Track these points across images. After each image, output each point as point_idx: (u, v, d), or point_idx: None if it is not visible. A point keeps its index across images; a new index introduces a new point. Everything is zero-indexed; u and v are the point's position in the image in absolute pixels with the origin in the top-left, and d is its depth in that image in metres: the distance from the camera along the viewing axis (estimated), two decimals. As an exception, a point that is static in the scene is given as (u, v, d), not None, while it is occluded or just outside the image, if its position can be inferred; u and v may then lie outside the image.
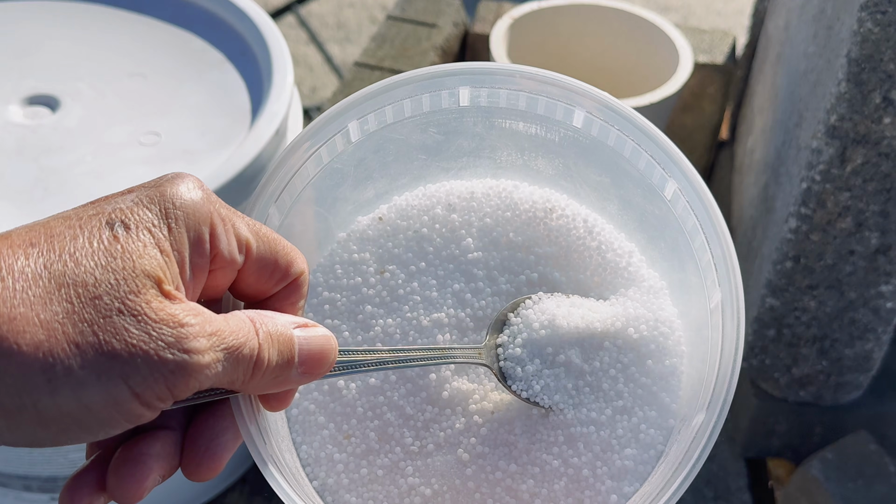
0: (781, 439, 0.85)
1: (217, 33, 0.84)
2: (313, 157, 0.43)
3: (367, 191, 0.47)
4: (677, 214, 0.42)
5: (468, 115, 0.47)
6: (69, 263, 0.29)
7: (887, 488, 0.73)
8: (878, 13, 0.58)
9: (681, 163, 0.42)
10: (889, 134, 0.63)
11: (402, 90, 0.44)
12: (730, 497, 0.83)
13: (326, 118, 0.43)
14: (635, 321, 0.43)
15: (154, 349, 0.29)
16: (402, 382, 0.43)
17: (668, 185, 0.43)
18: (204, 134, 0.74)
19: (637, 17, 0.84)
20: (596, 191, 0.47)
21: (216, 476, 0.35)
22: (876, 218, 0.67)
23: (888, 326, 0.74)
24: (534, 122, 0.46)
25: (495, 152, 0.48)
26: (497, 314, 0.44)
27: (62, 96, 0.76)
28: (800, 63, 0.74)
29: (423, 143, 0.47)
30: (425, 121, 0.46)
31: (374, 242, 0.46)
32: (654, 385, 0.42)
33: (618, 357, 0.42)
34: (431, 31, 1.05)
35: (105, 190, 0.68)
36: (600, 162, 0.46)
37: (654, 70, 0.83)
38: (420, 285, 0.45)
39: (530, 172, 0.48)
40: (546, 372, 0.42)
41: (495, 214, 0.46)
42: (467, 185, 0.47)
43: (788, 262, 0.71)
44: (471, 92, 0.46)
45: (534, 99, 0.46)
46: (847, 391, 0.79)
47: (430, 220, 0.46)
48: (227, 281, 0.35)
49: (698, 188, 0.41)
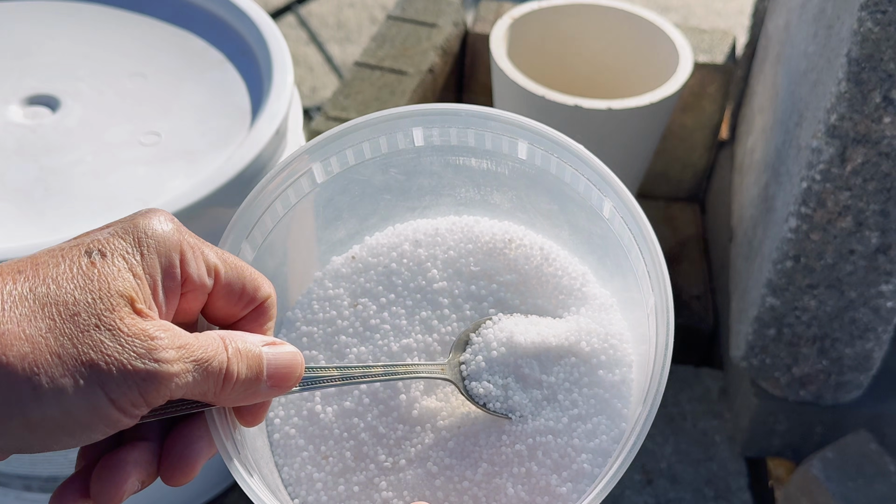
0: (782, 438, 0.85)
1: (217, 33, 0.84)
2: (281, 197, 0.47)
3: (338, 231, 0.52)
4: (615, 231, 0.46)
5: (424, 154, 0.51)
6: (52, 286, 0.32)
7: (887, 487, 0.73)
8: (879, 12, 0.58)
9: (612, 182, 0.45)
10: (889, 133, 0.63)
11: (360, 133, 0.48)
12: (730, 496, 0.83)
13: (290, 159, 0.46)
14: (587, 335, 0.46)
15: (127, 359, 0.32)
16: (374, 404, 0.46)
17: (605, 205, 0.46)
18: (204, 134, 0.74)
19: (637, 16, 0.84)
20: (548, 218, 0.51)
21: (191, 480, 0.39)
22: (876, 217, 0.67)
23: (888, 326, 0.74)
24: (484, 158, 0.51)
25: (455, 189, 0.52)
26: (460, 334, 0.47)
27: (62, 96, 0.76)
28: (800, 63, 0.74)
29: (387, 184, 0.51)
30: (385, 162, 0.50)
31: (347, 279, 0.50)
32: (606, 393, 0.45)
33: (572, 370, 0.46)
34: (431, 30, 1.05)
35: (105, 189, 0.68)
36: (547, 190, 0.50)
37: (655, 70, 0.83)
38: (390, 315, 0.49)
39: (488, 207, 0.53)
40: (506, 385, 0.46)
41: (458, 247, 0.51)
42: (432, 223, 0.52)
43: (789, 262, 0.72)
44: (423, 132, 0.50)
45: (480, 135, 0.50)
46: (847, 390, 0.80)
47: (398, 255, 0.51)
48: (199, 304, 0.38)
49: (629, 203, 0.44)
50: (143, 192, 0.68)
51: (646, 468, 0.85)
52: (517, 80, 0.76)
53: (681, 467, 0.85)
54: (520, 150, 0.50)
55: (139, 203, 0.67)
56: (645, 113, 0.75)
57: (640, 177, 0.84)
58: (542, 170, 0.49)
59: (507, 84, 0.77)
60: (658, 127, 0.79)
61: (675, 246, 1.08)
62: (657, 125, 0.78)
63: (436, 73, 1.02)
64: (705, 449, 0.87)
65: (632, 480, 0.84)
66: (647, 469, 0.85)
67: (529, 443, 0.44)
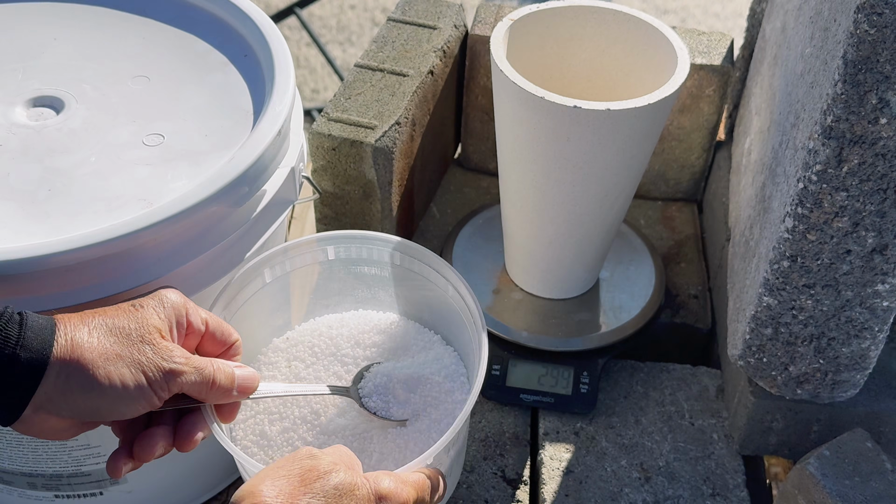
0: (779, 437, 0.85)
1: (220, 36, 0.84)
2: (243, 291, 0.74)
3: (278, 319, 0.81)
4: (457, 306, 0.74)
5: (335, 265, 0.79)
6: (115, 320, 0.57)
7: (884, 485, 0.74)
8: (875, 15, 0.59)
9: (451, 274, 0.74)
10: (885, 135, 0.63)
11: (294, 250, 0.76)
12: (727, 494, 0.84)
13: (252, 265, 0.73)
14: (437, 368, 0.76)
15: (158, 361, 0.57)
16: (304, 423, 0.72)
17: (449, 289, 0.75)
18: (207, 135, 0.74)
19: (635, 19, 0.85)
20: (415, 305, 0.81)
21: (193, 449, 0.62)
22: (872, 218, 0.68)
23: (884, 325, 0.75)
24: (374, 266, 0.79)
25: (354, 290, 0.81)
26: (358, 371, 0.74)
27: (66, 98, 0.77)
28: (796, 64, 0.75)
29: (310, 287, 0.80)
30: (310, 269, 0.79)
31: (284, 351, 0.79)
32: (448, 400, 0.74)
33: (428, 389, 0.74)
34: (432, 33, 1.06)
35: (109, 190, 0.69)
36: (413, 285, 0.78)
37: (653, 72, 0.84)
38: (313, 369, 0.76)
39: (376, 302, 0.82)
40: (387, 400, 0.72)
41: (358, 328, 0.80)
42: (339, 316, 0.82)
43: (785, 262, 0.72)
44: (335, 249, 0.78)
45: (368, 249, 0.78)
46: (844, 389, 0.80)
47: (318, 335, 0.79)
48: (195, 343, 0.63)
49: (460, 288, 0.73)
50: (146, 193, 0.69)
51: (644, 466, 0.85)
52: (517, 81, 0.76)
53: (678, 465, 0.86)
54: (392, 258, 0.77)
55: (142, 203, 0.68)
56: (643, 114, 0.76)
57: (638, 177, 0.85)
58: (409, 269, 0.77)
59: (507, 85, 0.78)
60: (656, 128, 0.79)
61: (673, 246, 1.09)
62: (655, 126, 0.79)
63: (436, 74, 1.03)
64: (703, 447, 0.87)
65: (630, 478, 0.84)
66: (645, 467, 0.85)
67: (404, 436, 0.71)
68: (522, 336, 0.92)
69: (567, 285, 0.95)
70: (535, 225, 0.88)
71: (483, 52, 1.07)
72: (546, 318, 0.94)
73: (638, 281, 0.98)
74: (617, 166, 0.80)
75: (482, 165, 1.17)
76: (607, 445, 0.87)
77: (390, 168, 0.94)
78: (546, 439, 0.88)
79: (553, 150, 0.79)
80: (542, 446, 0.87)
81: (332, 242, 0.77)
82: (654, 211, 1.13)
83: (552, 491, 0.83)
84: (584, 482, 0.84)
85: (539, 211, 0.86)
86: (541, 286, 0.95)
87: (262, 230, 0.73)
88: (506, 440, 0.88)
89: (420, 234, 1.09)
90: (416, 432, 0.71)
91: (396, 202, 0.98)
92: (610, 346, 0.92)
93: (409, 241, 0.75)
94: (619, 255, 1.01)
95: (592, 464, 0.85)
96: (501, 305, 0.95)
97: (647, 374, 0.94)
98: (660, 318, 0.98)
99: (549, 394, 0.89)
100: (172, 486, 0.82)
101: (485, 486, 0.84)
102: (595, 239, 0.89)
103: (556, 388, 0.89)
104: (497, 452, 0.88)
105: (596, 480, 0.84)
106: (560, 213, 0.85)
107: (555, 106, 0.75)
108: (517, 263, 0.95)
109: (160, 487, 0.81)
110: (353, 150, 0.92)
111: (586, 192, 0.82)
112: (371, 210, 0.97)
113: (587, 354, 0.91)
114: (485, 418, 0.90)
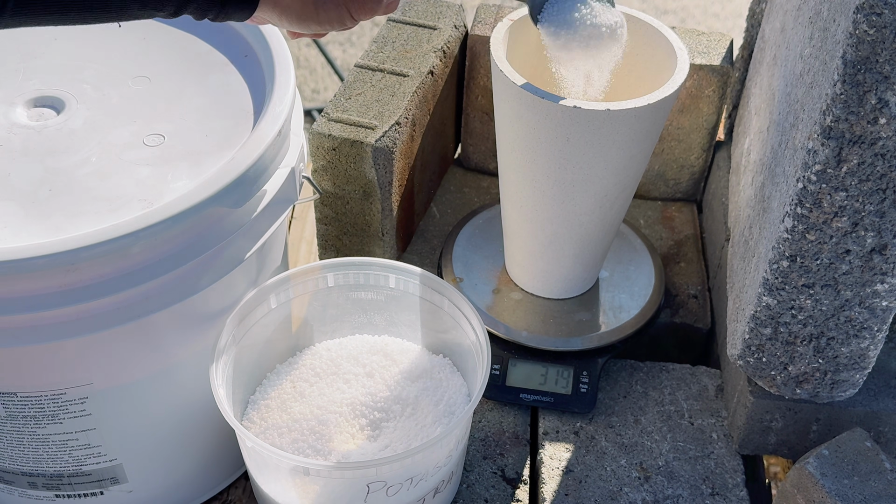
0: (778, 436, 0.86)
1: (220, 36, 0.85)
2: (253, 312, 0.80)
3: (281, 344, 0.86)
4: (455, 319, 0.82)
5: (333, 292, 0.85)
6: None
7: (883, 485, 0.74)
8: (874, 15, 0.59)
9: (447, 289, 0.82)
10: (884, 135, 0.63)
11: (295, 279, 0.81)
12: (727, 493, 0.84)
13: (257, 293, 0.79)
14: (438, 371, 0.86)
15: None
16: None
17: (444, 302, 0.82)
18: (207, 135, 0.75)
19: (635, 19, 0.85)
20: (411, 328, 0.88)
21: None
22: (871, 218, 0.68)
23: (884, 325, 0.75)
24: (370, 291, 0.85)
25: (350, 315, 0.88)
26: None
27: (67, 98, 0.77)
28: (796, 65, 0.75)
29: (311, 313, 0.86)
30: (311, 297, 0.84)
31: (288, 374, 0.85)
32: (454, 393, 0.83)
33: (437, 379, 0.85)
34: (432, 33, 1.06)
35: (109, 190, 0.69)
36: (410, 308, 0.86)
37: (652, 72, 0.84)
38: (317, 387, 0.83)
39: (371, 326, 0.89)
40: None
41: (357, 350, 0.86)
42: (337, 341, 0.88)
43: (784, 262, 0.72)
44: (334, 276, 0.84)
45: (366, 275, 0.84)
46: (843, 389, 0.80)
47: (318, 358, 0.86)
48: None
49: (456, 300, 0.81)
50: (146, 193, 0.69)
51: (643, 465, 0.86)
52: (517, 81, 0.77)
53: (678, 464, 0.86)
54: (391, 281, 0.84)
55: (143, 203, 0.68)
56: (643, 114, 0.76)
57: (638, 177, 0.85)
58: (404, 291, 0.84)
59: (507, 85, 0.78)
60: (656, 128, 0.80)
61: (672, 246, 1.09)
62: (655, 126, 0.79)
63: (436, 74, 1.03)
64: (702, 446, 0.88)
65: (629, 477, 0.85)
66: (645, 466, 0.86)
67: (424, 415, 0.80)
68: (522, 336, 0.92)
69: (567, 285, 0.95)
70: (535, 225, 0.88)
71: (483, 53, 1.07)
72: (546, 318, 0.94)
73: (637, 281, 0.98)
74: (617, 166, 0.80)
75: (482, 165, 1.18)
76: (607, 445, 0.87)
77: (390, 168, 0.94)
78: (546, 439, 0.88)
79: (553, 150, 0.79)
80: (542, 446, 0.87)
81: (331, 270, 0.84)
82: (653, 211, 1.14)
83: (552, 490, 0.83)
84: (583, 481, 0.84)
85: (539, 211, 0.86)
86: (541, 286, 0.95)
87: (262, 230, 0.74)
88: (505, 440, 0.89)
89: (420, 234, 1.09)
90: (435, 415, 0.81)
91: (396, 202, 0.98)
92: (609, 345, 0.92)
93: (404, 264, 0.84)
94: (618, 255, 1.01)
95: (592, 463, 0.86)
96: (501, 305, 0.95)
97: (647, 373, 0.94)
98: (659, 318, 0.98)
99: (548, 393, 0.90)
100: (172, 486, 0.82)
101: (484, 486, 0.85)
102: (595, 239, 0.89)
103: (556, 387, 0.90)
104: (497, 452, 0.88)
105: (595, 480, 0.84)
106: (560, 213, 0.85)
107: (555, 106, 0.75)
108: (517, 263, 0.96)
109: (160, 487, 0.81)
110: (354, 150, 0.92)
111: (586, 192, 0.82)
112: (371, 210, 0.97)
113: (587, 354, 0.91)
114: (485, 418, 0.90)
